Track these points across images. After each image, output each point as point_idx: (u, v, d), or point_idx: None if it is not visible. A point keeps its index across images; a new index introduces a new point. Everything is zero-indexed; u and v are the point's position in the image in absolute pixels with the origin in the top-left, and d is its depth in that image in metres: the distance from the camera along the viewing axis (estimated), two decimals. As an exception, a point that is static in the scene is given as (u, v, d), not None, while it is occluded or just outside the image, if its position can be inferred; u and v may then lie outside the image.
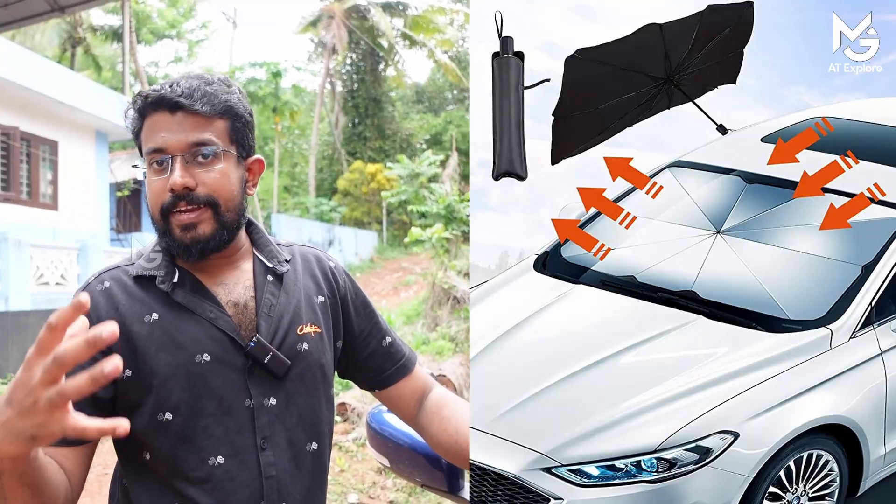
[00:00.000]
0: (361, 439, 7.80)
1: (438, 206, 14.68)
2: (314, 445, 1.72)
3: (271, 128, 29.13)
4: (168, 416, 1.58)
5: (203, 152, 1.61)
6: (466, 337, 11.54)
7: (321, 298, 1.80)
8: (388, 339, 1.93)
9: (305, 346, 1.72)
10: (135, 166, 1.70)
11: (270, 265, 1.74)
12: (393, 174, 20.38)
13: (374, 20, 31.07)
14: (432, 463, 2.30)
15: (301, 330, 1.72)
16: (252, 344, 1.63)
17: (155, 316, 1.61)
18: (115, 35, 25.68)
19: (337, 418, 8.45)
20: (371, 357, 1.90)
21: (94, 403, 1.56)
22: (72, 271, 12.39)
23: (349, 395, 8.96)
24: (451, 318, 12.51)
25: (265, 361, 1.64)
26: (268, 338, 1.66)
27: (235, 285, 1.70)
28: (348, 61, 33.16)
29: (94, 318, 1.57)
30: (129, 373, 1.58)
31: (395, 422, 2.41)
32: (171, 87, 1.63)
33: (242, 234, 1.76)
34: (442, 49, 31.82)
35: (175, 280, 1.65)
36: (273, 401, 1.65)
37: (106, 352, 1.55)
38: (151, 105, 1.63)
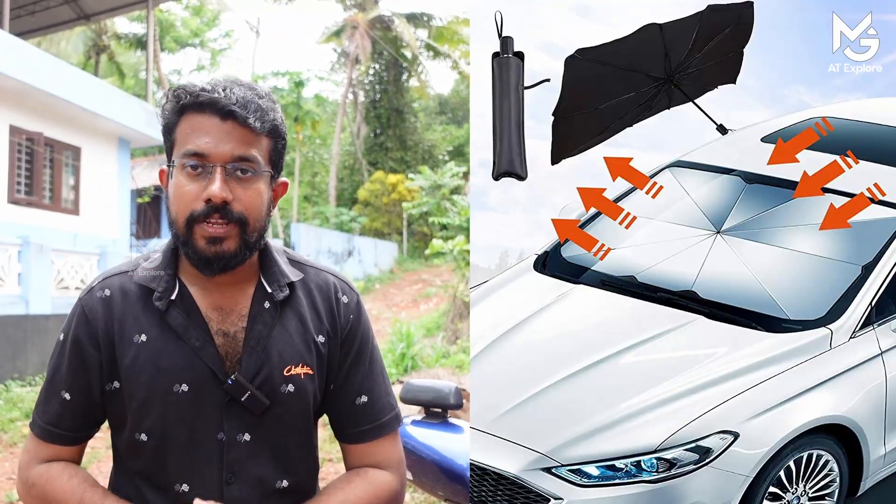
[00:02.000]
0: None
1: (460, 218, 14.62)
2: (285, 483, 1.66)
3: (292, 137, 29.21)
4: (143, 437, 1.59)
5: (244, 168, 1.55)
6: (488, 350, 11.40)
7: (322, 338, 1.68)
8: (363, 399, 1.73)
9: (291, 388, 1.63)
10: (170, 165, 1.59)
11: (270, 290, 1.65)
12: (414, 185, 20.36)
13: (397, 31, 31.11)
14: (455, 478, 2.29)
15: (289, 371, 1.63)
16: (231, 381, 1.58)
17: (143, 338, 1.59)
18: (140, 43, 25.92)
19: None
20: (333, 407, 1.74)
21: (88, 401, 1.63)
22: (92, 276, 12.45)
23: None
24: (473, 332, 12.42)
25: (242, 399, 1.59)
26: (250, 374, 1.60)
27: (230, 312, 1.64)
28: (371, 71, 33.21)
29: (94, 325, 1.60)
30: (116, 385, 1.60)
31: (418, 435, 2.41)
32: (224, 91, 1.56)
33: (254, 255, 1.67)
34: (466, 60, 31.80)
35: (173, 297, 1.61)
36: (248, 437, 1.61)
37: (100, 362, 1.60)
38: (200, 105, 1.55)
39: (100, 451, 7.06)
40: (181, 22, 30.25)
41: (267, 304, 1.64)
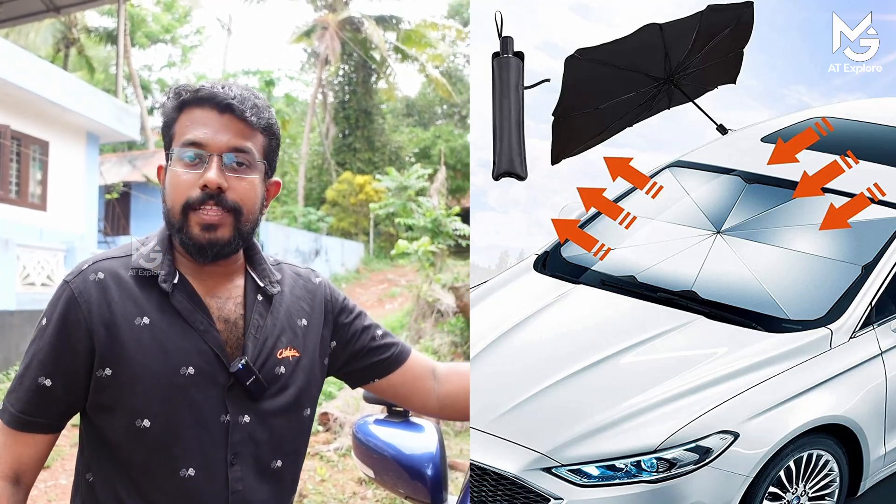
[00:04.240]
0: (343, 449, 7.78)
1: (425, 219, 14.75)
2: (279, 463, 1.74)
3: (261, 135, 29.00)
4: (146, 423, 1.60)
5: (239, 160, 1.63)
6: (450, 350, 11.55)
7: (304, 322, 1.81)
8: (381, 331, 2.00)
9: (282, 369, 1.73)
10: (168, 159, 1.67)
11: (262, 285, 1.75)
12: (381, 186, 20.43)
13: (367, 33, 31.06)
14: (416, 476, 2.30)
15: (280, 354, 1.73)
16: (241, 367, 1.65)
17: (146, 320, 1.61)
18: (110, 37, 25.66)
19: (319, 428, 8.44)
20: (374, 350, 1.95)
21: (65, 399, 1.62)
22: (58, 272, 12.31)
23: (332, 405, 8.91)
24: (435, 332, 12.48)
25: (247, 384, 1.66)
26: (252, 359, 1.68)
27: (227, 300, 1.71)
28: (340, 73, 33.13)
29: (85, 309, 1.59)
30: (108, 371, 1.59)
31: (380, 433, 2.42)
32: (222, 88, 1.64)
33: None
34: (433, 64, 31.89)
35: (175, 282, 1.64)
36: (247, 418, 1.67)
37: (90, 348, 1.58)
38: (200, 100, 1.63)
39: (63, 448, 6.96)
40: (152, 17, 30.01)
41: (260, 297, 1.73)
